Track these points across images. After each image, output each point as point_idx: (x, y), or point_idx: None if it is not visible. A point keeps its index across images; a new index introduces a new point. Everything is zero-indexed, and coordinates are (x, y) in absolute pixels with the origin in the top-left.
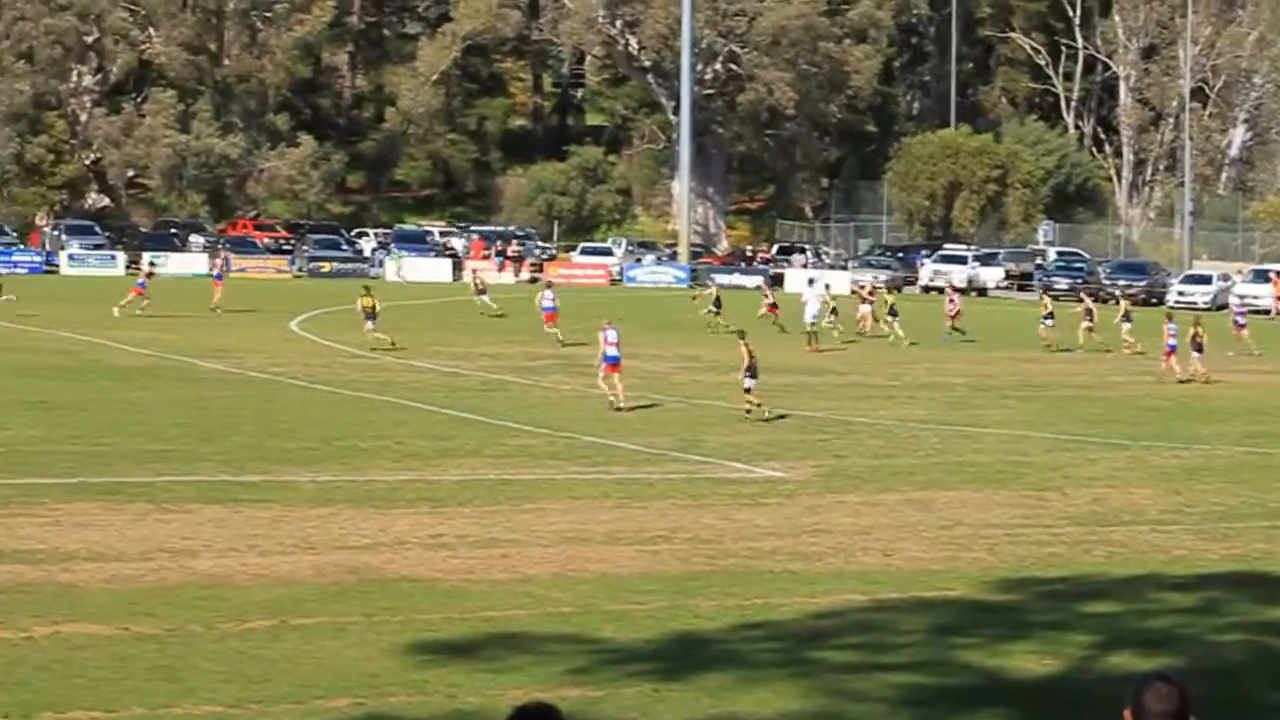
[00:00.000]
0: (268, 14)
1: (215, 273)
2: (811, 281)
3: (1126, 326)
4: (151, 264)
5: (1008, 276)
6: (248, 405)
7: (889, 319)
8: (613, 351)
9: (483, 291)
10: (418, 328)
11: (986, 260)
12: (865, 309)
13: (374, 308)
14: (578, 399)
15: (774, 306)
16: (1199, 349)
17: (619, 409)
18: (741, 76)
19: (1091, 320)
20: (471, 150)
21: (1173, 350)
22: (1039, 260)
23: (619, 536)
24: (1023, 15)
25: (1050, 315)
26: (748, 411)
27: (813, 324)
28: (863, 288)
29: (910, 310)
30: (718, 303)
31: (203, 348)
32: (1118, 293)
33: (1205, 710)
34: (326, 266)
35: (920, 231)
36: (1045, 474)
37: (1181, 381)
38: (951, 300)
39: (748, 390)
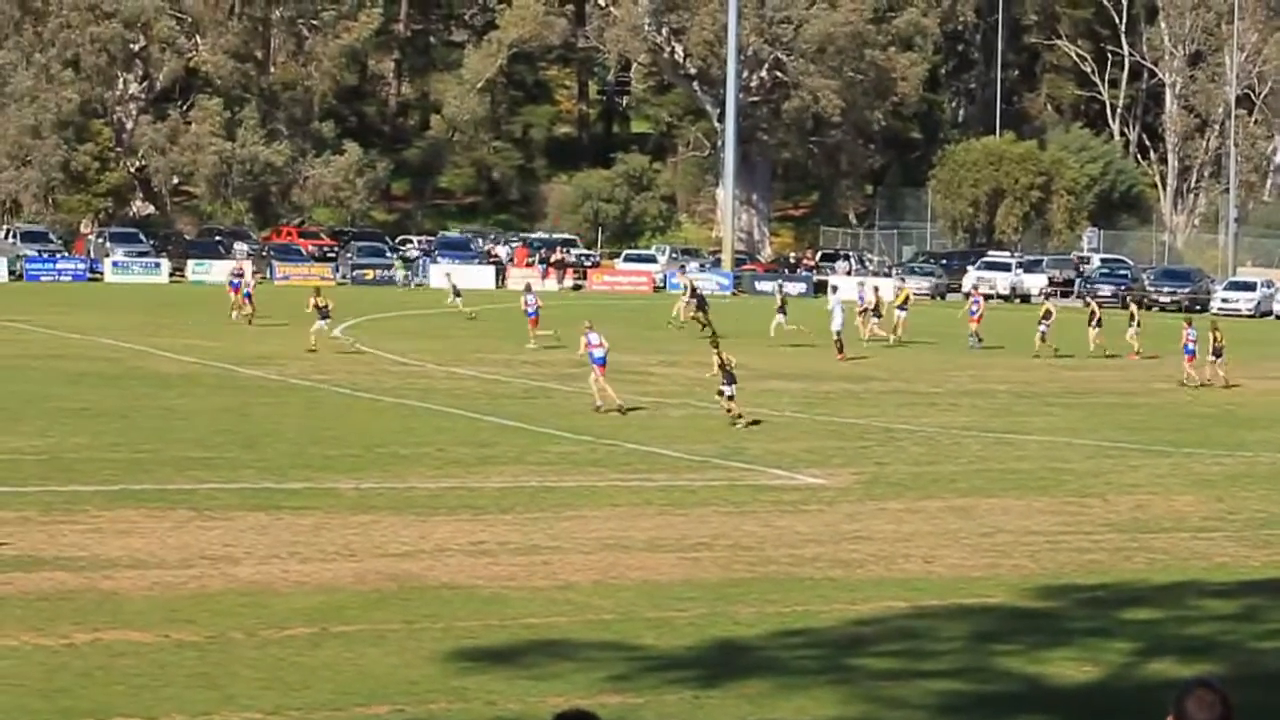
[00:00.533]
0: (314, 22)
1: (233, 280)
2: (834, 289)
3: (1131, 331)
4: (255, 273)
5: (1051, 283)
6: (290, 412)
7: (874, 320)
8: (599, 353)
9: (458, 295)
10: (461, 335)
11: (1030, 267)
12: (901, 314)
13: (327, 307)
14: (620, 406)
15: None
16: (1218, 354)
17: (599, 409)
18: (787, 84)
19: (1098, 325)
20: (516, 157)
21: (1192, 355)
22: (1080, 267)
23: (660, 544)
24: (1069, 22)
25: (1047, 320)
26: (737, 416)
27: (839, 333)
28: (898, 291)
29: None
30: (693, 295)
31: (245, 355)
32: (1128, 299)
33: (1248, 718)
34: (370, 274)
35: (964, 238)
36: (1087, 481)
37: (1198, 385)
38: (976, 302)
39: (729, 396)
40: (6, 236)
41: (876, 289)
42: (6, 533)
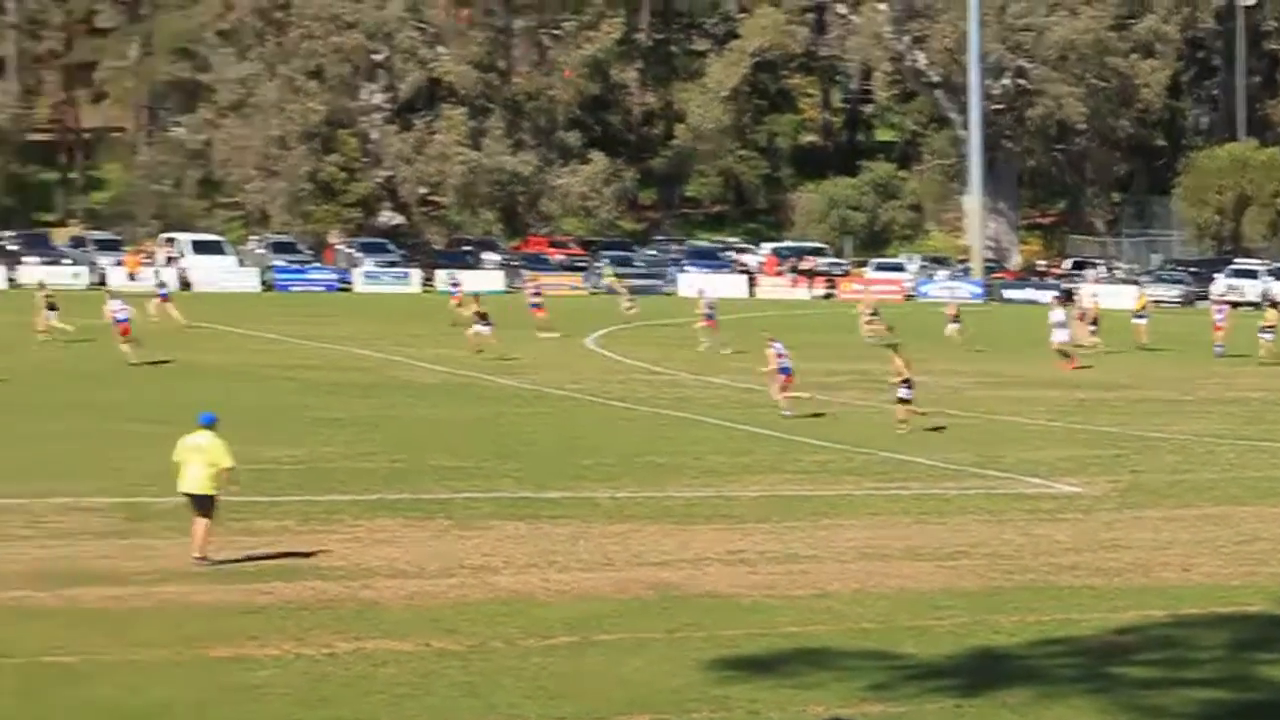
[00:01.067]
0: (556, 32)
1: (451, 290)
2: (1063, 303)
3: None
4: (531, 277)
5: None
6: (544, 422)
7: (1090, 328)
8: (786, 363)
9: (623, 295)
10: (712, 343)
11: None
12: (1140, 322)
13: (486, 314)
14: (873, 415)
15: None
16: None
17: (787, 416)
18: (1030, 91)
19: None
20: (762, 166)
21: None
22: None
23: (918, 552)
24: None
25: (1271, 328)
26: (901, 422)
27: (1064, 343)
28: (1137, 298)
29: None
30: (875, 313)
31: (497, 364)
32: None
33: None
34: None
35: (1211, 246)
36: None
37: None
38: (1221, 310)
39: (906, 401)
40: (258, 247)
41: (1095, 295)
42: (266, 542)
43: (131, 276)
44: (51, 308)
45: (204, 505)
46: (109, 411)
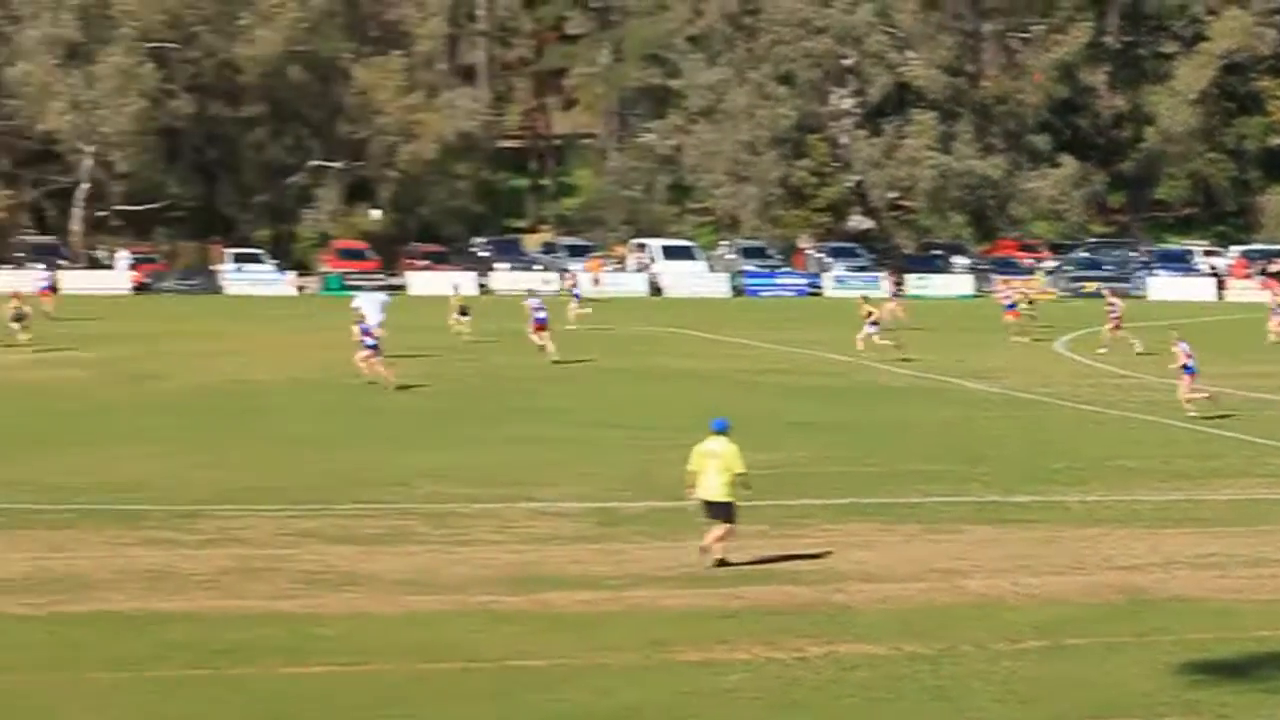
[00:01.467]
0: (1025, 35)
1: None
2: None
3: None
4: (1005, 283)
5: None
6: (1013, 426)
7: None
8: (1190, 363)
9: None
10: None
11: None
12: None
13: (872, 314)
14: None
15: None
16: None
17: (1193, 415)
18: None
19: None
20: (1231, 169)
21: None
22: None
23: None
24: None
25: None
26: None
27: None
28: None
29: None
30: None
31: (964, 369)
32: None
33: None
34: (1090, 286)
35: None
36: None
37: None
38: None
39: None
40: (728, 252)
41: None
42: (737, 545)
43: (595, 281)
44: (463, 313)
45: (721, 512)
46: (566, 416)
